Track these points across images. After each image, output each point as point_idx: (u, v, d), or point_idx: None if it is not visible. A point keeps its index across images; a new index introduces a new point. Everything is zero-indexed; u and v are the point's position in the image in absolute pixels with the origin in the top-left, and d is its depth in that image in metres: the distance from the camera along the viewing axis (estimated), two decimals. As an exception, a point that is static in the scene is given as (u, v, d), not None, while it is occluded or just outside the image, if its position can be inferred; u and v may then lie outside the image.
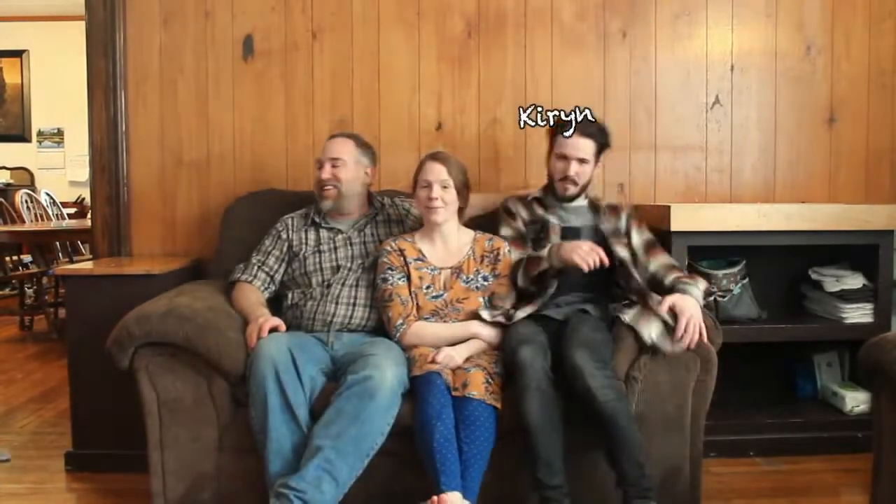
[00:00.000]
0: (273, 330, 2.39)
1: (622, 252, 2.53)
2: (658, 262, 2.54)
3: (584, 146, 2.57)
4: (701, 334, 2.26)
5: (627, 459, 2.14)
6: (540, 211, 2.66)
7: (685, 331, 2.25)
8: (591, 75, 3.23)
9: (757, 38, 3.23)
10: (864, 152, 3.25)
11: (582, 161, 2.58)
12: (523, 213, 2.68)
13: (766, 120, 3.25)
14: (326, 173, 2.67)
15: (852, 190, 3.25)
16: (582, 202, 2.66)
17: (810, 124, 3.25)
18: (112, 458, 2.85)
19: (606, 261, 2.35)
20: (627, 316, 2.36)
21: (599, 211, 2.64)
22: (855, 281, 2.96)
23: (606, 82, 3.24)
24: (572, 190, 2.60)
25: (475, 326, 2.44)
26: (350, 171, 2.70)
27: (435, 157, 2.55)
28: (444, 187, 2.50)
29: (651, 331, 2.28)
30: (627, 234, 2.60)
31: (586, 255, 2.34)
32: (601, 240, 2.54)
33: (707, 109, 3.25)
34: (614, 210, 2.66)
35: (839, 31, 3.23)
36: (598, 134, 2.61)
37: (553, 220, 2.58)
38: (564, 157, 2.58)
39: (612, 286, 2.56)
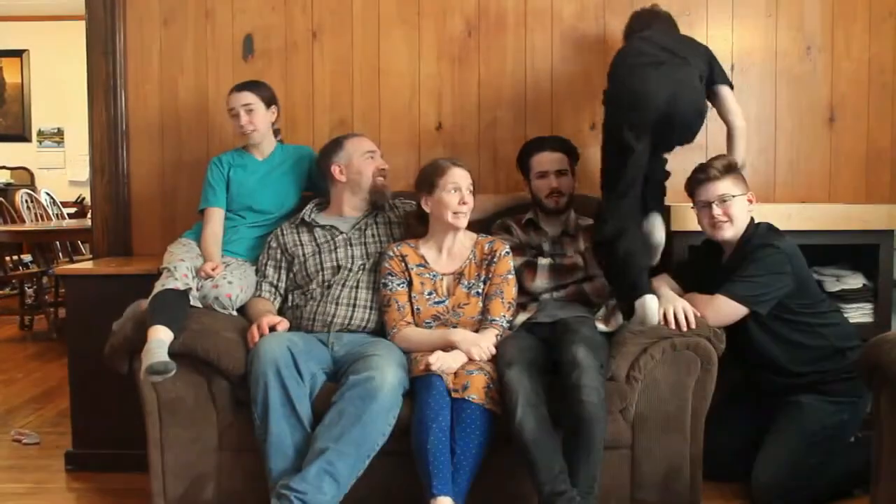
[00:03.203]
0: (273, 329, 2.40)
1: (578, 274, 2.62)
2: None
3: (558, 159, 2.72)
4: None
5: (585, 467, 2.15)
6: (534, 237, 2.74)
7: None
8: (591, 75, 3.23)
9: (757, 37, 3.23)
10: (864, 152, 3.25)
11: (561, 173, 2.70)
12: (520, 233, 2.74)
13: (766, 119, 3.25)
14: (382, 164, 2.74)
15: (852, 190, 3.24)
16: (567, 216, 2.75)
17: (810, 124, 3.24)
18: (112, 457, 2.85)
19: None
20: (601, 325, 2.49)
21: (576, 235, 2.73)
22: (855, 281, 2.96)
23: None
24: (562, 201, 2.70)
25: (452, 335, 2.42)
26: None
27: (456, 163, 2.57)
28: (471, 193, 2.53)
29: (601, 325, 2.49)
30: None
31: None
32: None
33: (707, 109, 3.24)
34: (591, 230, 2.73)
35: (839, 30, 3.23)
36: (565, 145, 2.77)
37: (542, 261, 2.64)
38: (545, 174, 2.71)
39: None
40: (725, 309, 2.41)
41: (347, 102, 3.24)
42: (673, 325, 2.35)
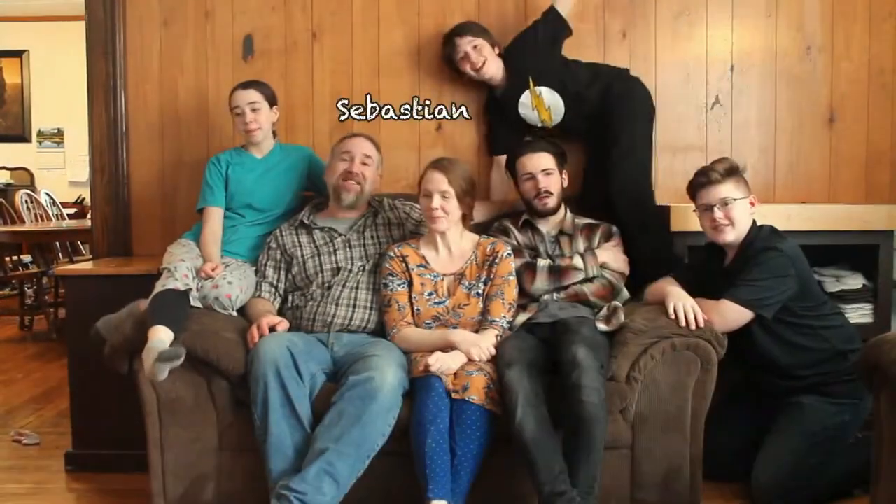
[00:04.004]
0: (273, 329, 2.40)
1: (578, 276, 2.61)
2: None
3: (543, 159, 2.70)
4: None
5: (585, 467, 2.15)
6: (532, 238, 2.74)
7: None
8: (591, 75, 3.22)
9: (757, 38, 3.23)
10: (864, 152, 3.25)
11: (547, 173, 2.69)
12: (518, 235, 2.74)
13: (766, 120, 3.25)
14: (357, 167, 2.67)
15: (852, 190, 3.25)
16: (563, 216, 2.75)
17: (810, 124, 3.25)
18: (112, 458, 2.85)
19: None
20: (602, 325, 2.47)
21: (574, 234, 2.73)
22: (855, 281, 2.96)
23: (606, 82, 3.23)
24: (551, 202, 2.69)
25: (452, 335, 2.42)
26: (374, 172, 2.72)
27: (436, 165, 2.54)
28: (445, 197, 2.49)
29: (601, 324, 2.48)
30: (593, 251, 2.68)
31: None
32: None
33: (707, 110, 3.25)
34: (591, 228, 2.74)
35: (839, 31, 3.23)
36: (551, 146, 2.75)
37: (541, 262, 2.64)
38: (531, 176, 2.70)
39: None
40: (731, 314, 2.41)
41: (347, 102, 3.24)
42: (683, 322, 2.35)
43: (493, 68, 2.97)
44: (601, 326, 2.47)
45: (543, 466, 2.12)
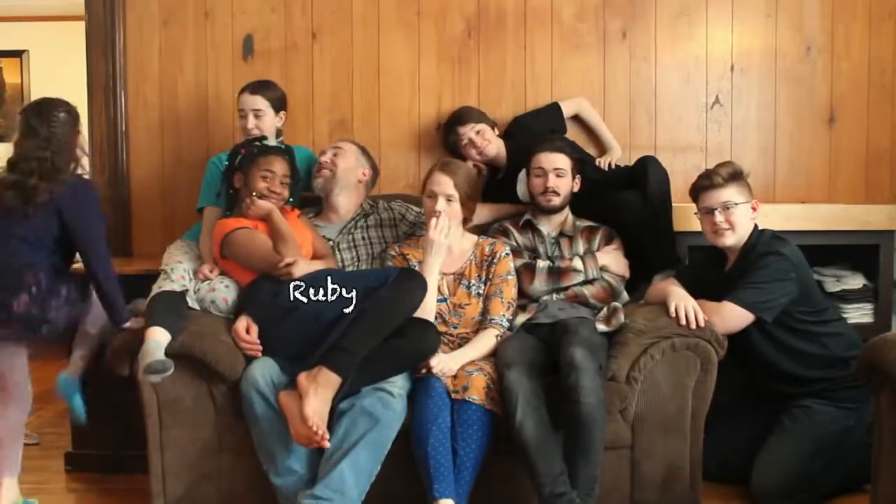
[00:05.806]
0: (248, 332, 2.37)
1: (577, 278, 2.61)
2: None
3: (557, 159, 2.69)
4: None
5: (585, 468, 2.16)
6: (532, 239, 2.73)
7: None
8: (591, 76, 3.23)
9: (757, 38, 3.23)
10: (864, 152, 3.25)
11: (559, 174, 2.68)
12: (517, 236, 2.73)
13: (766, 120, 3.25)
14: (326, 157, 2.73)
15: (852, 190, 3.24)
16: (564, 217, 2.74)
17: (810, 124, 3.25)
18: (112, 458, 2.85)
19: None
20: (601, 325, 2.47)
21: (574, 236, 2.72)
22: (855, 281, 2.96)
23: (606, 83, 3.23)
24: (556, 200, 2.68)
25: None
26: (349, 161, 2.74)
27: (443, 168, 2.54)
28: (449, 201, 2.49)
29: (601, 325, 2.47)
30: (593, 253, 2.68)
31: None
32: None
33: (707, 110, 3.25)
34: (592, 231, 2.74)
35: (839, 31, 3.23)
36: (568, 148, 2.75)
37: (540, 264, 2.64)
38: (542, 172, 2.68)
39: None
40: (733, 316, 2.40)
41: (347, 103, 3.24)
42: (683, 321, 2.35)
43: (495, 148, 2.98)
44: (601, 327, 2.46)
45: (543, 467, 2.12)
